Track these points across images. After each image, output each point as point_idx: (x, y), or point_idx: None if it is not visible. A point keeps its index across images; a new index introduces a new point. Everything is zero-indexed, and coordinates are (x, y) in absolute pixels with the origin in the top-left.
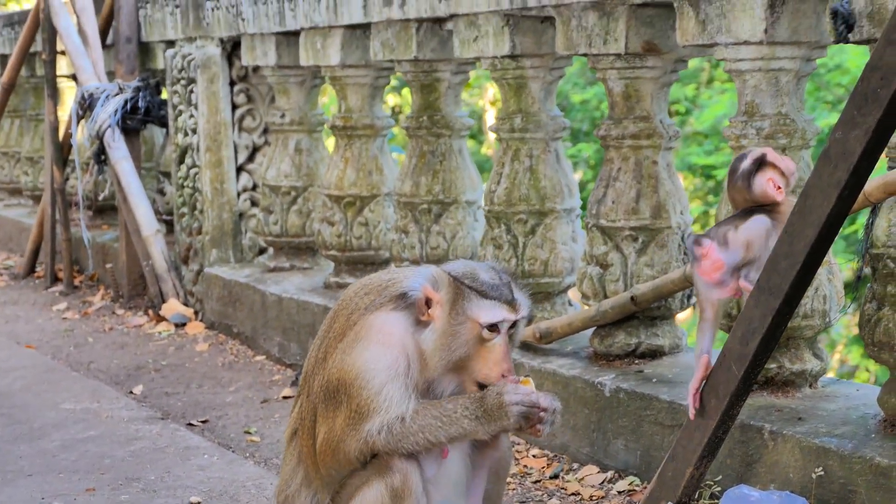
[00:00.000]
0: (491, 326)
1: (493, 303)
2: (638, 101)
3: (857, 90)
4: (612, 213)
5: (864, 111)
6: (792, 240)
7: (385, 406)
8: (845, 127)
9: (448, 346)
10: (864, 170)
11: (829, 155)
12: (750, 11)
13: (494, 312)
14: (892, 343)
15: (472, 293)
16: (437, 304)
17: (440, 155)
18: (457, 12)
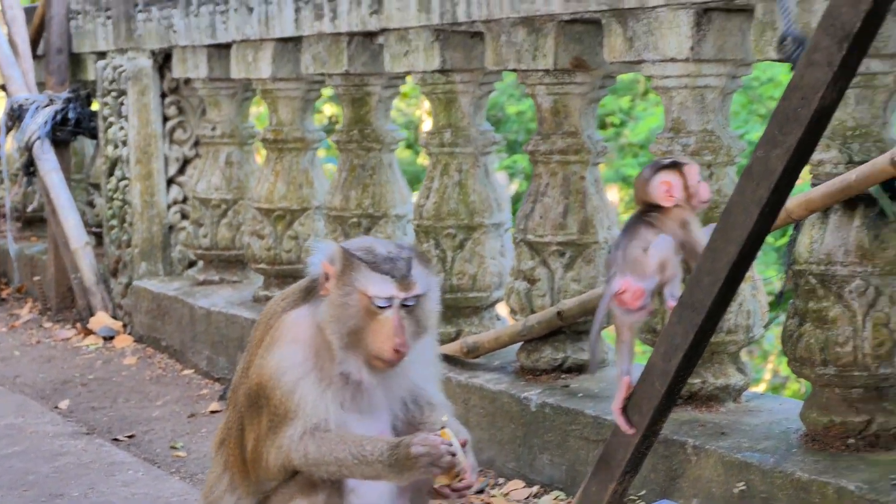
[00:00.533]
0: (380, 301)
1: (381, 276)
2: (566, 116)
3: (779, 109)
4: (540, 227)
5: (785, 130)
6: (714, 256)
7: (301, 407)
8: (767, 146)
9: (339, 317)
10: (784, 188)
11: (751, 173)
12: (676, 29)
13: (382, 287)
14: (814, 359)
15: (363, 265)
16: (332, 279)
17: (370, 169)
18: (387, 27)
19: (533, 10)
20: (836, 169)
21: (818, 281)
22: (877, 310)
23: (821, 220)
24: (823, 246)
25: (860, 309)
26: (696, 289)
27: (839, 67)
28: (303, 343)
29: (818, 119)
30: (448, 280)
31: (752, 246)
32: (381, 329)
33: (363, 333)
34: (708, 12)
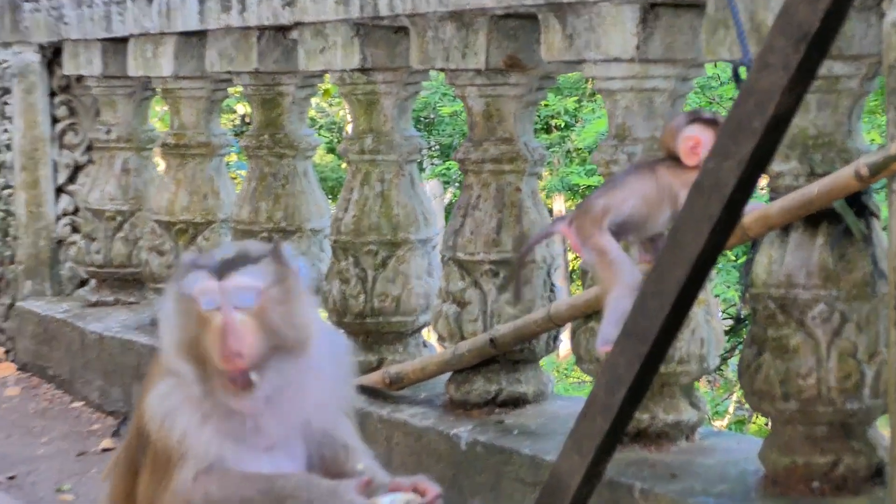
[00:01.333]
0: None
1: (199, 272)
2: (500, 121)
3: (731, 117)
4: (471, 245)
5: (737, 140)
6: (661, 278)
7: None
8: (718, 156)
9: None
10: (738, 202)
11: (701, 187)
12: (621, 26)
13: (200, 283)
14: (773, 392)
15: (185, 266)
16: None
17: (283, 177)
18: (302, 20)
19: (462, 4)
20: (797, 182)
21: (778, 306)
22: (843, 338)
23: (780, 239)
24: (783, 267)
25: (824, 337)
26: (641, 315)
27: (796, 71)
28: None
29: (774, 127)
30: (369, 303)
31: (703, 267)
32: (211, 336)
33: (199, 343)
34: (655, 8)
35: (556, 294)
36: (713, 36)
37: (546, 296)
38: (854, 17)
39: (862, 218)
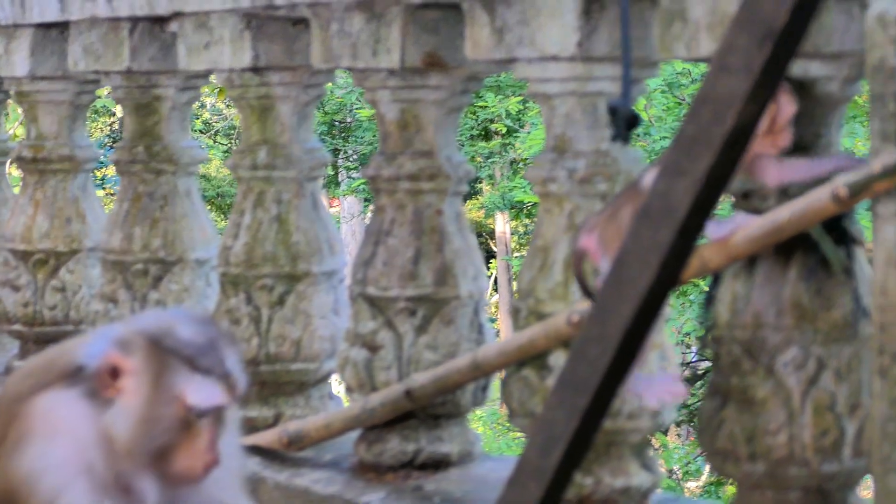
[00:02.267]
0: (202, 411)
1: (204, 379)
2: (418, 130)
3: (684, 129)
4: (384, 278)
5: (692, 155)
6: (603, 320)
7: None
8: (669, 176)
9: (146, 432)
10: (694, 229)
11: (648, 212)
12: (559, 19)
13: (208, 393)
14: (738, 452)
15: (178, 362)
16: (128, 376)
17: (161, 198)
18: (182, 10)
19: None
20: (765, 204)
21: (743, 350)
22: (819, 388)
23: (746, 271)
24: (750, 305)
25: (797, 387)
26: (580, 362)
27: (761, 73)
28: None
29: (735, 140)
30: (264, 347)
31: (652, 306)
32: (193, 444)
33: (170, 447)
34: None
35: (486, 336)
36: (668, 30)
37: (473, 338)
38: (833, 9)
39: (842, 246)
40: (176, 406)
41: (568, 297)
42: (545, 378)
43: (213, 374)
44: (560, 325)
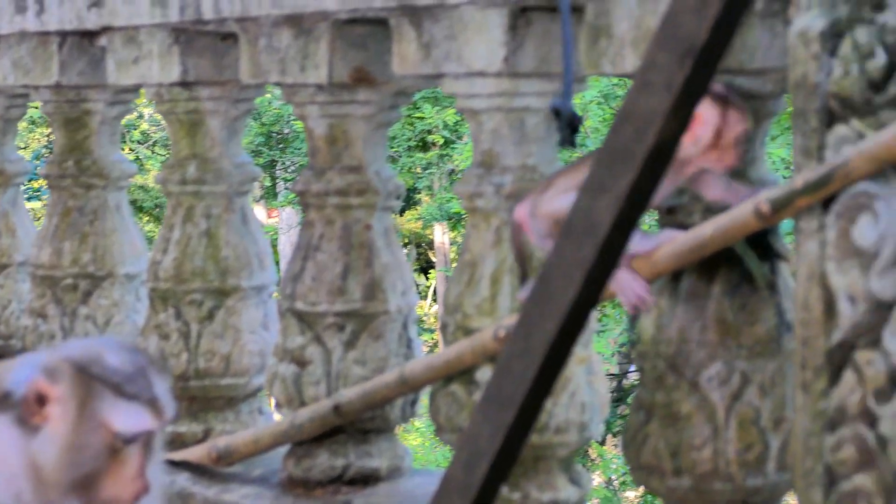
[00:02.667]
0: (129, 436)
1: (131, 405)
2: (346, 146)
3: (606, 146)
4: (312, 293)
5: (614, 172)
6: (527, 335)
7: None
8: (591, 192)
9: (74, 460)
10: (617, 245)
11: (571, 228)
12: (486, 34)
13: (136, 419)
14: (663, 467)
15: (105, 389)
16: (54, 403)
17: (90, 213)
18: (111, 24)
19: (300, 7)
20: (690, 219)
21: (668, 365)
22: (743, 403)
23: (670, 287)
24: (674, 320)
25: (722, 402)
26: (505, 378)
27: (681, 90)
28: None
29: (657, 156)
30: (193, 362)
31: (576, 321)
32: (121, 471)
33: (98, 475)
34: (526, 13)
35: (415, 350)
36: (594, 46)
37: (402, 353)
38: (756, 26)
39: (766, 262)
40: (102, 433)
41: (495, 312)
42: (472, 393)
43: (139, 399)
44: (487, 341)
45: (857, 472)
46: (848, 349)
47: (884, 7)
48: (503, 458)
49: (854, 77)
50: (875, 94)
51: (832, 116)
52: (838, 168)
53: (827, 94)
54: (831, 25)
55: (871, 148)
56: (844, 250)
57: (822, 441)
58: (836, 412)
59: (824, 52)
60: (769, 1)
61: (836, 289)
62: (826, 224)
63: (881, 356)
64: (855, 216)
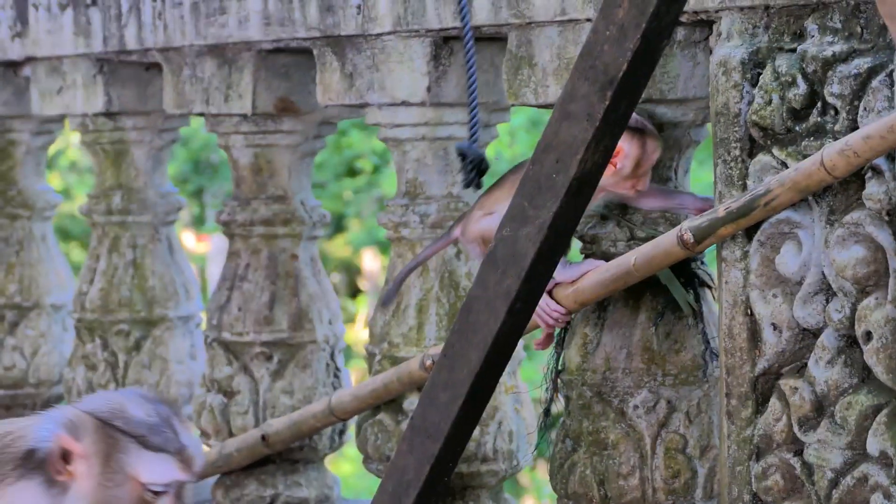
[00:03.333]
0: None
1: (158, 456)
2: (271, 175)
3: (528, 177)
4: (239, 323)
5: (536, 203)
6: (452, 366)
7: None
8: (514, 223)
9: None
10: (541, 275)
11: (494, 258)
12: (409, 63)
13: (162, 469)
14: (591, 495)
15: (130, 442)
16: (79, 459)
17: (16, 243)
18: (35, 55)
19: (224, 37)
20: (615, 248)
21: (594, 393)
22: (670, 430)
23: (596, 314)
24: (600, 348)
25: (648, 430)
26: (431, 408)
27: (602, 121)
28: None
29: (579, 187)
30: None
31: (502, 351)
32: None
33: None
34: (449, 42)
35: (343, 379)
36: (516, 76)
37: (330, 382)
38: (678, 55)
39: (690, 290)
40: (131, 486)
41: (422, 341)
42: (400, 422)
43: (166, 450)
44: (414, 370)
45: (784, 499)
46: (773, 377)
47: (804, 36)
48: (430, 489)
49: (775, 106)
50: (796, 123)
51: (754, 145)
52: (760, 197)
53: (748, 123)
54: (752, 55)
55: (793, 177)
56: (768, 278)
57: (748, 469)
58: (761, 440)
59: (745, 81)
60: (690, 30)
61: (760, 317)
62: (749, 252)
63: (806, 384)
64: (778, 245)
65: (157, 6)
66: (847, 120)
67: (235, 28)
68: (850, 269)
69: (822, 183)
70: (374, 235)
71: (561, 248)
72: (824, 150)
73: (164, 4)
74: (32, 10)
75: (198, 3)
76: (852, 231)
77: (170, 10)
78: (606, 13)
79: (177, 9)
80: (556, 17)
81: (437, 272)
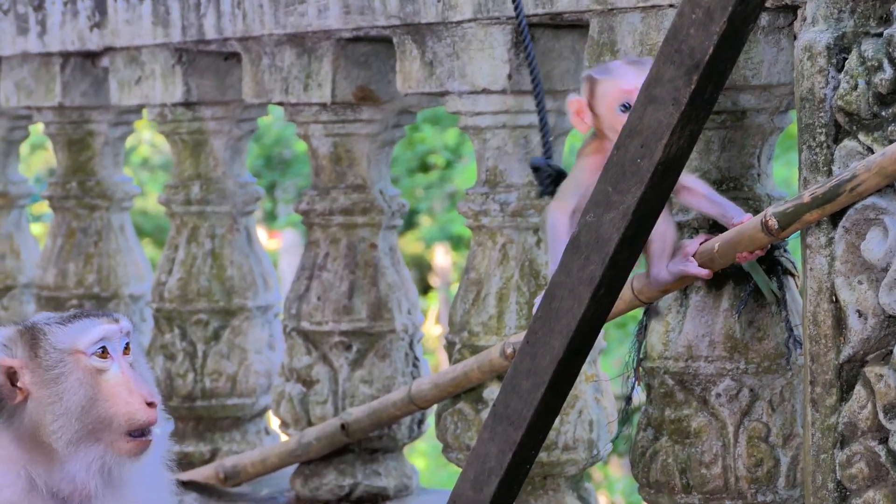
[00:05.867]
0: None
1: (82, 322)
2: (350, 164)
3: (612, 161)
4: (318, 312)
5: (620, 188)
6: (535, 353)
7: None
8: (598, 208)
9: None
10: (624, 262)
11: (578, 244)
12: (490, 51)
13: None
14: (672, 483)
15: (54, 326)
16: (22, 370)
17: (95, 233)
18: (113, 45)
19: (303, 26)
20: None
21: (676, 382)
22: (753, 419)
23: (678, 303)
24: (682, 336)
25: (731, 418)
26: (513, 395)
27: (688, 105)
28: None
29: (664, 172)
30: (199, 382)
31: (585, 338)
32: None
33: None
34: (531, 29)
35: (421, 369)
36: (598, 62)
37: (408, 372)
38: (761, 41)
39: (774, 277)
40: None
41: (502, 329)
42: (480, 411)
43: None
44: (494, 358)
45: (869, 487)
46: (858, 364)
47: (890, 20)
48: (512, 477)
49: (861, 91)
50: (882, 108)
51: (839, 130)
52: (846, 182)
53: (834, 109)
54: (837, 39)
55: (879, 162)
56: (853, 265)
57: (832, 457)
58: (846, 428)
59: (830, 66)
60: (774, 16)
61: (845, 304)
62: (835, 239)
63: (891, 371)
64: (864, 231)
65: None
66: None
67: (315, 17)
68: None
69: None
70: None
71: (645, 233)
72: None
73: None
74: (111, 1)
75: None
76: None
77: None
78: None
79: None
80: (638, 2)
81: (518, 261)
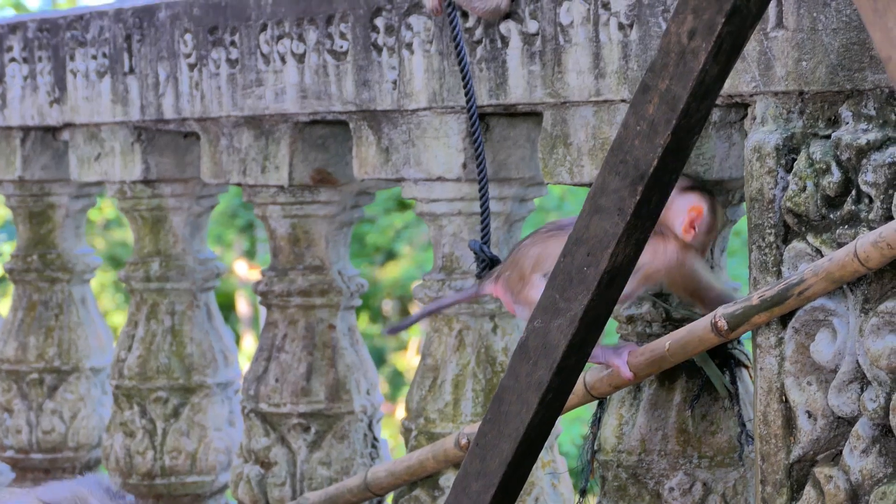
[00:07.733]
0: None
1: None
2: (309, 246)
3: (559, 269)
4: (276, 394)
5: (567, 295)
6: (485, 455)
7: None
8: (545, 314)
9: None
10: (572, 367)
11: (526, 349)
12: (445, 140)
13: None
14: None
15: None
16: None
17: (55, 306)
18: (73, 121)
19: (260, 108)
20: (650, 329)
21: (630, 475)
22: None
23: (631, 395)
24: (635, 429)
25: None
26: (463, 497)
27: (633, 216)
28: None
29: (610, 280)
30: (159, 460)
31: (534, 442)
32: None
33: None
34: (485, 118)
35: (381, 450)
36: (551, 155)
37: (367, 453)
38: (713, 136)
39: (726, 370)
40: None
41: (458, 417)
42: (437, 498)
43: None
44: (449, 448)
45: None
46: (808, 465)
47: (838, 123)
48: None
49: (809, 193)
50: (830, 211)
51: (788, 231)
52: (794, 286)
53: (783, 210)
54: (786, 140)
55: (827, 267)
56: (803, 366)
57: None
58: None
59: (779, 167)
60: (725, 111)
61: (795, 404)
62: (784, 339)
63: (841, 472)
64: (813, 332)
65: (195, 76)
66: (882, 208)
67: (272, 100)
68: (885, 358)
69: (856, 273)
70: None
71: (592, 340)
72: (858, 241)
73: (202, 74)
74: (70, 77)
75: (234, 75)
76: (887, 320)
77: (207, 81)
78: (637, 108)
79: (213, 79)
80: (591, 97)
81: (474, 347)
